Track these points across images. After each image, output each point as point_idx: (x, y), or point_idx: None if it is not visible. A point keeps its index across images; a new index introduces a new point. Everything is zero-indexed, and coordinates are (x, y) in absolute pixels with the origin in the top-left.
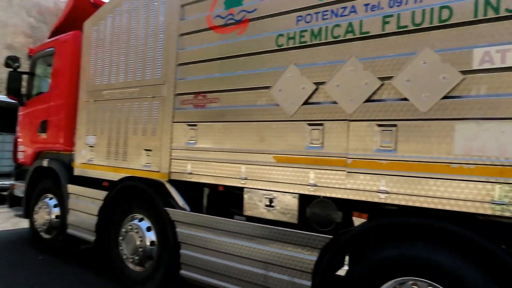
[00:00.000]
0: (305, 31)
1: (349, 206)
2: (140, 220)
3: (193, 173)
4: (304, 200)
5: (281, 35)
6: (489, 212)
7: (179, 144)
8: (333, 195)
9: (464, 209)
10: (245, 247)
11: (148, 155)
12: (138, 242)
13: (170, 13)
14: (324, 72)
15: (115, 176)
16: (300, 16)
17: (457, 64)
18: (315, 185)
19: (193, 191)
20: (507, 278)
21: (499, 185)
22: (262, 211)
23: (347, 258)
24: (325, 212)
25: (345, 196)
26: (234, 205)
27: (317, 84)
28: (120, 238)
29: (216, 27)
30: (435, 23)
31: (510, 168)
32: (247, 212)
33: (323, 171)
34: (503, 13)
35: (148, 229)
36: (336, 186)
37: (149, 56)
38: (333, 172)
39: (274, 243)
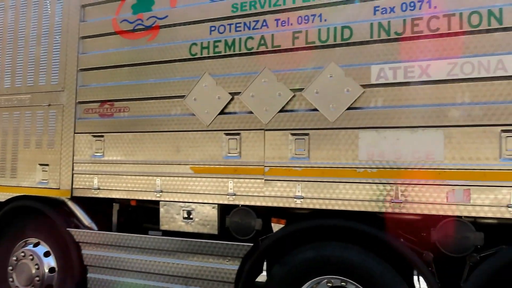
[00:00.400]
0: (219, 41)
1: (268, 213)
2: (36, 245)
3: (101, 188)
4: (224, 209)
5: (195, 44)
6: (389, 210)
7: (83, 157)
8: (252, 203)
9: (369, 209)
10: (162, 264)
11: (44, 171)
12: (33, 271)
13: (68, 13)
14: (239, 83)
15: (1, 196)
16: (213, 26)
17: (358, 79)
18: (234, 194)
19: (101, 208)
20: (403, 264)
21: (398, 186)
22: (180, 224)
23: (265, 264)
24: (245, 220)
25: (264, 204)
26: (148, 220)
27: (233, 94)
28: (10, 268)
29: (123, 31)
30: (338, 40)
31: (405, 170)
32: (164, 226)
33: (241, 180)
34: (393, 36)
35: (46, 254)
36: (255, 194)
37: (43, 60)
38: (252, 180)
39: (194, 256)
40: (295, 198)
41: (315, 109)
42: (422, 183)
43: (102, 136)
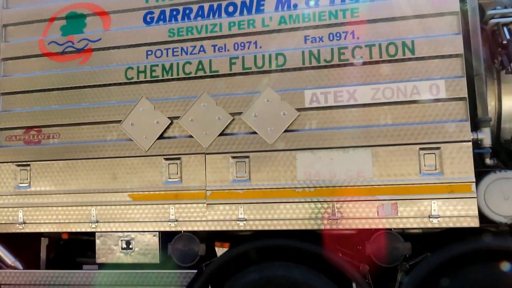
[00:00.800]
0: (156, 65)
1: (211, 237)
2: None
3: (28, 222)
4: (165, 237)
5: (131, 67)
6: (328, 227)
7: (6, 189)
8: (195, 229)
9: (309, 227)
10: None
11: None
12: None
13: None
14: (178, 107)
15: None
16: (150, 50)
17: (293, 103)
18: (176, 220)
19: (27, 243)
20: (343, 277)
21: (334, 203)
22: (118, 256)
23: None
24: (188, 246)
25: (207, 228)
26: (82, 253)
27: (172, 118)
28: None
29: (51, 53)
30: (274, 67)
31: (340, 188)
32: (101, 259)
33: (183, 205)
34: (322, 63)
35: None
36: (198, 219)
37: None
38: (194, 205)
39: None
40: (238, 220)
41: (254, 132)
42: (355, 200)
43: (28, 165)
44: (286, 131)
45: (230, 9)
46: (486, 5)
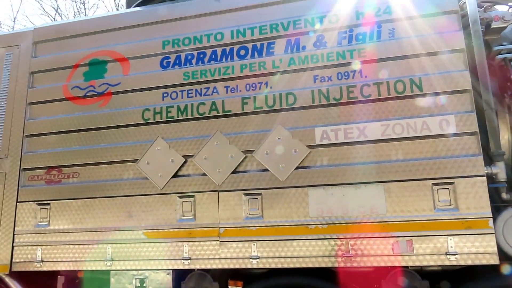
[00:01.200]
0: (172, 106)
1: (224, 275)
2: None
3: (45, 260)
4: (179, 275)
5: (147, 109)
6: (342, 264)
7: (26, 227)
8: (208, 267)
9: (323, 265)
10: None
11: None
12: None
13: (15, 80)
14: (192, 146)
15: None
16: (165, 92)
17: (304, 140)
18: (190, 258)
19: (43, 281)
20: None
21: (348, 240)
22: None
23: None
24: (201, 285)
25: (220, 266)
26: None
27: (186, 157)
28: None
29: (74, 97)
30: (284, 105)
31: (353, 225)
32: None
33: (196, 243)
34: (332, 101)
35: None
36: (211, 257)
37: None
38: (207, 243)
39: None
40: (251, 258)
41: (266, 169)
42: (369, 236)
43: (48, 204)
44: (297, 168)
45: (242, 52)
46: (492, 41)
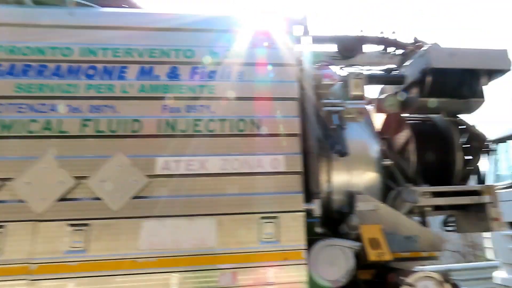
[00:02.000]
0: None
1: None
2: None
3: None
4: None
5: None
6: None
7: None
8: None
9: None
10: None
11: None
12: None
13: None
14: (13, 167)
15: None
16: None
17: (144, 169)
18: None
19: None
20: None
21: (176, 274)
22: None
23: None
24: None
25: None
26: None
27: (1, 180)
28: None
29: None
30: (128, 132)
31: (183, 258)
32: None
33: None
34: (177, 132)
35: None
36: None
37: None
38: (12, 282)
39: None
40: None
41: (98, 198)
42: (198, 269)
43: None
44: (134, 197)
45: (91, 72)
46: (322, 95)
